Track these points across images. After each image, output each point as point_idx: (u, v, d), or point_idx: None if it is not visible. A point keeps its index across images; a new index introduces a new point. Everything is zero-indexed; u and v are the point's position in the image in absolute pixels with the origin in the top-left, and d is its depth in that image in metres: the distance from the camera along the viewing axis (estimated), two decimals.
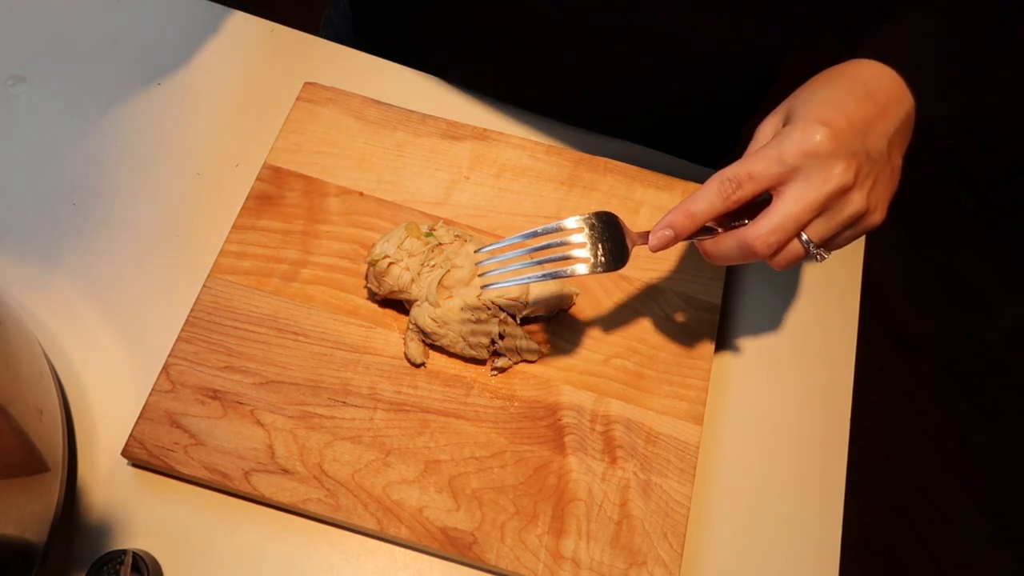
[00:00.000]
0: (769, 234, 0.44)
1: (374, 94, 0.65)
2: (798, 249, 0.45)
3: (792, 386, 0.61)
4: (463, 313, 0.53)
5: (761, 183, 0.44)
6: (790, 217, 0.44)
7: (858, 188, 0.44)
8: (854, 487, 0.58)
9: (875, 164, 0.44)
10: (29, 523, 0.45)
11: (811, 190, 0.43)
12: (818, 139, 0.43)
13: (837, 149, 0.43)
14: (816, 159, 0.43)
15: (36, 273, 0.58)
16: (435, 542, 0.50)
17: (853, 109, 0.44)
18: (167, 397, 0.52)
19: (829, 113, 0.44)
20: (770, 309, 0.63)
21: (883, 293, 1.62)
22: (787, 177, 0.44)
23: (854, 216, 0.44)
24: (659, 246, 0.47)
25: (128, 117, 0.65)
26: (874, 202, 0.44)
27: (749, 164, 0.44)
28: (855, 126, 0.44)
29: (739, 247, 0.45)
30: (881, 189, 0.45)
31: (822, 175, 0.43)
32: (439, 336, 0.54)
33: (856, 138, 0.43)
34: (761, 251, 0.44)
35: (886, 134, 0.45)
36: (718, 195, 0.45)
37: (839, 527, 0.56)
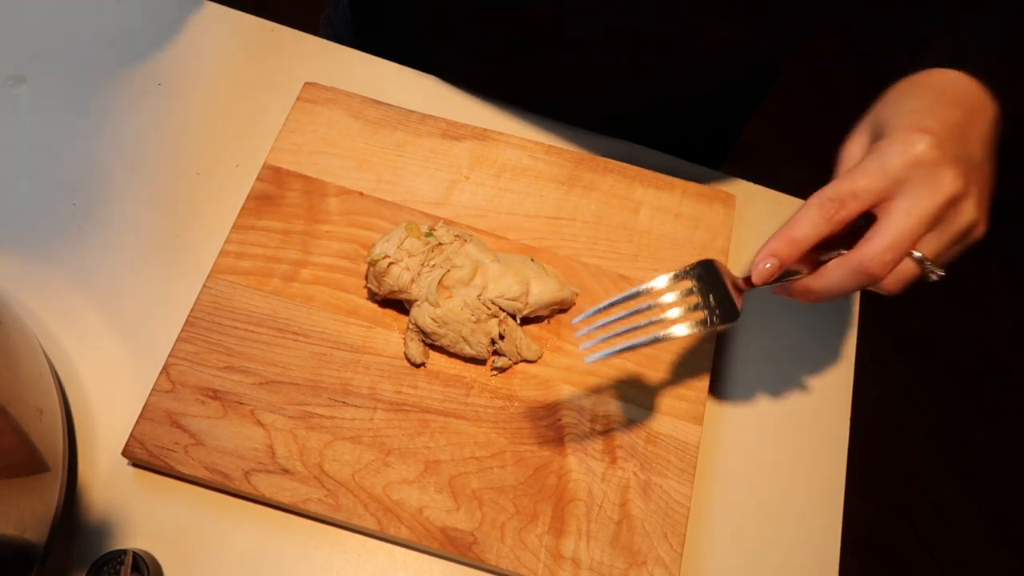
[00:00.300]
0: (884, 252, 0.41)
1: (374, 94, 0.65)
2: (911, 268, 0.42)
3: (792, 386, 0.61)
4: (463, 313, 0.54)
5: (865, 200, 0.41)
6: (904, 232, 0.40)
7: (970, 196, 0.41)
8: (854, 486, 0.58)
9: (977, 173, 0.42)
10: (29, 523, 0.45)
11: (922, 201, 0.40)
12: (921, 148, 0.40)
13: (943, 156, 0.40)
14: (922, 168, 0.40)
15: (36, 273, 0.58)
16: (435, 542, 0.50)
17: (946, 116, 0.42)
18: (167, 397, 0.52)
19: (925, 121, 0.41)
20: (770, 309, 0.63)
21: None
22: (893, 191, 0.41)
23: (967, 227, 0.42)
24: (764, 279, 0.43)
25: (128, 117, 0.65)
26: (981, 214, 0.42)
27: (850, 181, 0.41)
28: (953, 132, 0.41)
29: (852, 272, 0.42)
30: (986, 200, 0.42)
31: (932, 185, 0.40)
32: (439, 336, 0.54)
33: (957, 144, 0.41)
34: (878, 272, 0.41)
35: (981, 139, 0.43)
36: (820, 216, 0.42)
37: (839, 526, 0.56)
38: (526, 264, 0.56)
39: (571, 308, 0.58)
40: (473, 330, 0.54)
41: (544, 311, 0.57)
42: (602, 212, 0.62)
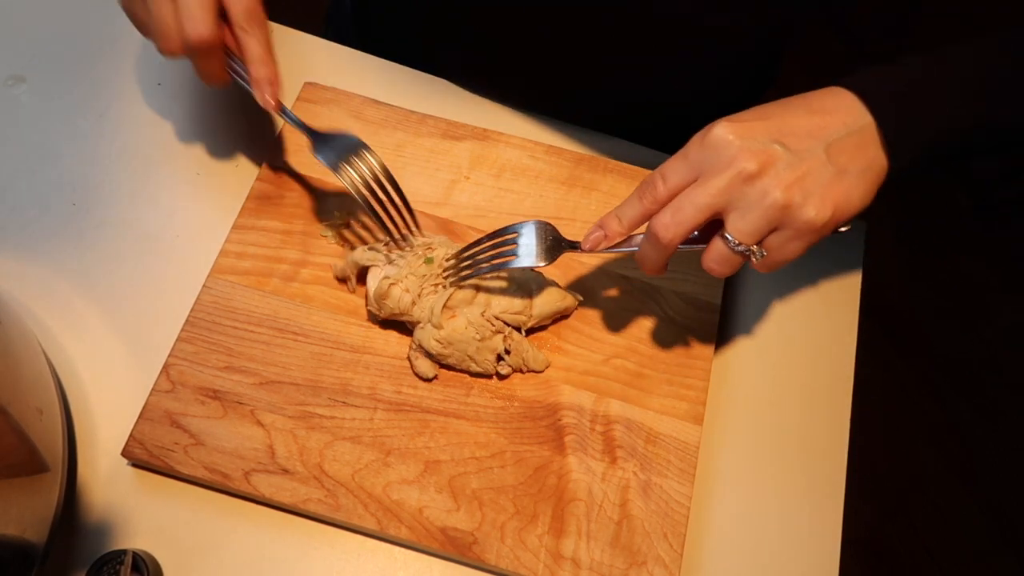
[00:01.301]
0: (664, 216, 0.46)
1: (374, 94, 0.65)
2: (719, 246, 0.46)
3: (792, 386, 0.61)
4: (468, 332, 0.53)
5: (671, 181, 0.46)
6: (687, 200, 0.45)
7: (768, 177, 0.44)
8: (854, 487, 0.58)
9: (799, 160, 0.44)
10: (29, 523, 0.45)
11: (710, 176, 0.45)
12: (715, 132, 0.45)
13: (737, 141, 0.44)
14: (715, 150, 0.45)
15: (36, 273, 0.58)
16: (435, 542, 0.50)
17: (775, 113, 0.46)
18: (167, 397, 0.52)
19: (740, 116, 0.46)
20: (770, 309, 0.63)
21: (883, 293, 1.62)
22: (695, 172, 0.46)
23: (773, 208, 0.44)
24: (591, 247, 0.50)
25: (128, 117, 0.65)
26: (800, 196, 0.44)
27: (661, 166, 0.47)
28: (770, 125, 0.45)
29: (647, 238, 0.47)
30: (815, 185, 0.44)
31: (719, 163, 0.44)
32: (445, 356, 0.54)
33: (767, 135, 0.44)
34: (661, 234, 0.46)
35: (821, 136, 0.45)
36: (638, 198, 0.48)
37: (839, 527, 0.56)
38: (527, 275, 0.56)
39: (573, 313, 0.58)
40: (479, 348, 0.54)
41: (547, 320, 0.56)
42: (602, 212, 0.62)
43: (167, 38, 0.50)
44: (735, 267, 0.47)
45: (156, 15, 0.50)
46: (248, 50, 0.52)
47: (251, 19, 0.51)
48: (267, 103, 0.53)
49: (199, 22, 0.49)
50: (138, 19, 0.53)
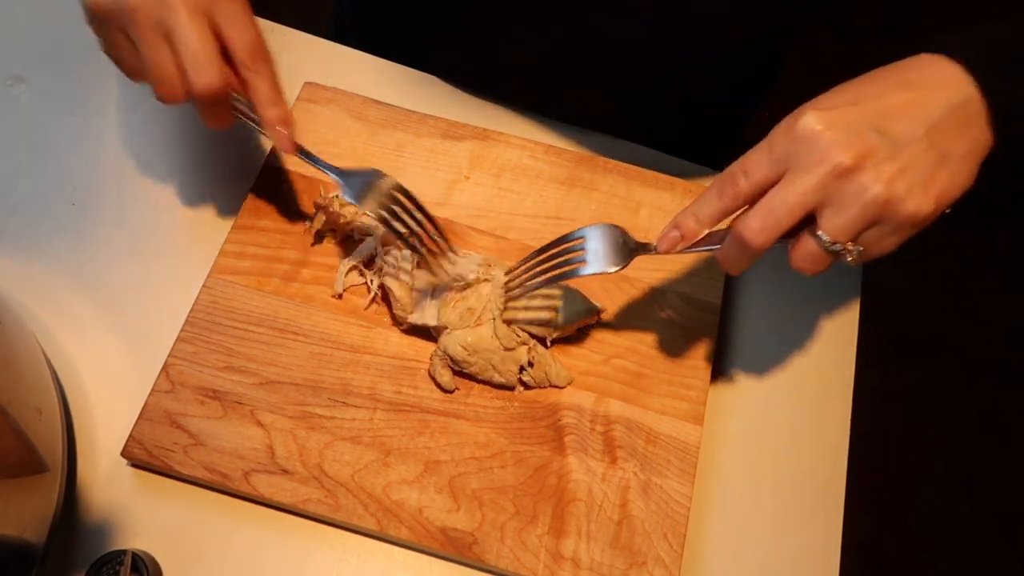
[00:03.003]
0: (754, 220, 0.42)
1: (374, 94, 0.65)
2: (811, 246, 0.42)
3: (792, 386, 0.61)
4: (493, 341, 0.53)
5: (755, 176, 0.43)
6: (777, 200, 0.41)
7: (866, 171, 0.40)
8: (854, 487, 0.58)
9: (898, 148, 0.40)
10: (29, 523, 0.45)
11: (800, 173, 0.41)
12: (804, 121, 0.41)
13: (829, 131, 0.40)
14: (806, 143, 0.41)
15: (36, 273, 0.58)
16: (435, 542, 0.50)
17: (867, 94, 0.42)
18: (167, 397, 0.52)
19: (829, 100, 0.42)
20: (770, 309, 0.63)
21: (883, 293, 1.62)
22: (781, 167, 0.42)
23: (873, 204, 0.40)
24: (667, 248, 0.47)
25: (128, 117, 0.65)
26: (902, 189, 0.40)
27: (742, 159, 0.43)
28: (864, 110, 0.41)
29: (732, 240, 0.44)
30: (917, 175, 0.40)
31: (811, 158, 0.40)
32: (469, 364, 0.53)
33: (863, 121, 0.41)
34: (750, 239, 0.42)
35: (921, 118, 0.41)
36: (716, 194, 0.44)
37: (839, 527, 0.56)
38: (553, 285, 0.55)
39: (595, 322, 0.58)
40: (503, 358, 0.53)
41: (571, 331, 0.56)
42: (602, 212, 0.62)
43: (168, 86, 0.46)
44: (827, 266, 0.43)
45: (153, 61, 0.45)
46: (257, 92, 0.48)
47: (256, 57, 0.47)
48: (283, 146, 0.50)
49: (206, 70, 0.45)
50: (127, 65, 0.48)
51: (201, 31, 0.45)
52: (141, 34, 0.45)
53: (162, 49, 0.45)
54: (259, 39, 0.48)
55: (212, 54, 0.45)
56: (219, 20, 0.46)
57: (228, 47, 0.47)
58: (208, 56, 0.45)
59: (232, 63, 0.47)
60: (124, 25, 0.46)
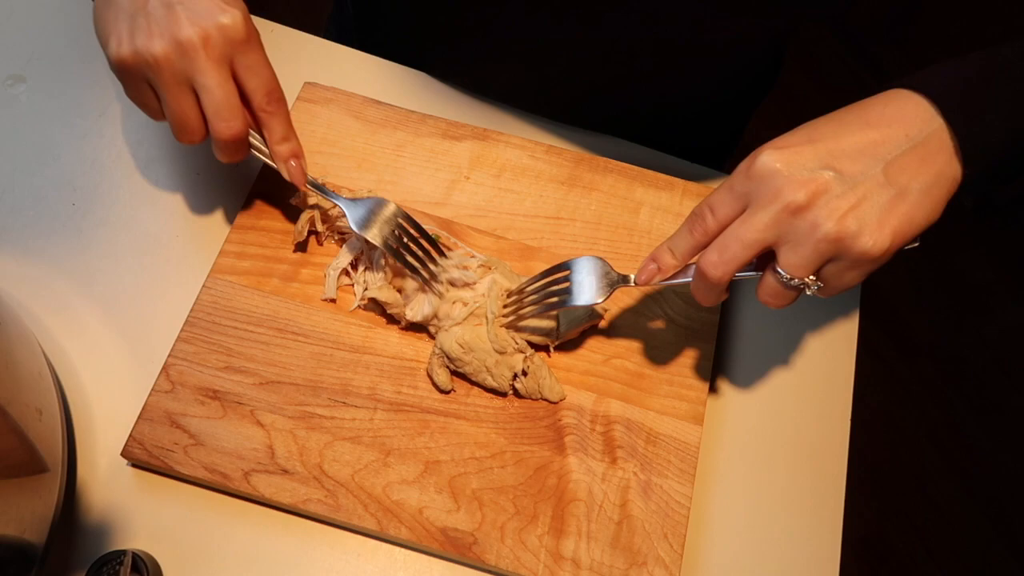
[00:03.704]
0: (711, 255, 0.44)
1: (374, 94, 0.65)
2: (771, 281, 0.44)
3: (793, 386, 0.61)
4: (489, 342, 0.53)
5: (720, 213, 0.44)
6: (732, 237, 0.43)
7: (818, 208, 0.41)
8: (854, 487, 0.58)
9: (852, 185, 0.41)
10: (29, 523, 0.45)
11: (757, 211, 0.42)
12: (761, 160, 0.42)
13: (785, 170, 0.42)
14: (761, 181, 0.42)
15: (36, 273, 0.58)
16: (435, 542, 0.50)
17: (825, 133, 0.43)
18: (167, 397, 0.52)
19: (787, 139, 0.43)
20: (770, 310, 0.63)
21: (883, 292, 1.62)
22: (741, 204, 0.44)
23: (825, 241, 0.41)
24: (646, 280, 0.49)
25: (128, 117, 0.65)
26: (854, 226, 0.41)
27: (709, 197, 0.45)
28: (820, 149, 0.42)
29: (696, 274, 0.46)
30: (871, 211, 0.41)
31: (766, 196, 0.42)
32: (463, 363, 0.53)
33: (817, 159, 0.42)
34: (711, 273, 0.44)
35: (878, 155, 0.42)
36: (688, 230, 0.46)
37: (839, 527, 0.56)
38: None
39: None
40: (497, 362, 0.53)
41: (574, 335, 0.56)
42: (602, 212, 0.62)
43: (190, 131, 0.49)
44: (790, 300, 0.45)
45: (175, 109, 0.48)
46: (271, 131, 0.51)
47: (272, 99, 0.50)
48: (295, 179, 0.53)
49: (230, 117, 0.48)
50: (151, 110, 0.50)
51: (225, 82, 0.47)
52: (165, 86, 0.47)
53: (186, 99, 0.48)
54: (275, 83, 0.51)
55: (236, 104, 0.48)
56: (238, 67, 0.48)
57: (246, 93, 0.50)
58: (232, 106, 0.48)
59: (249, 105, 0.50)
60: (148, 76, 0.47)
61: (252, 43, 0.48)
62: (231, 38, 0.47)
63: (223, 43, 0.47)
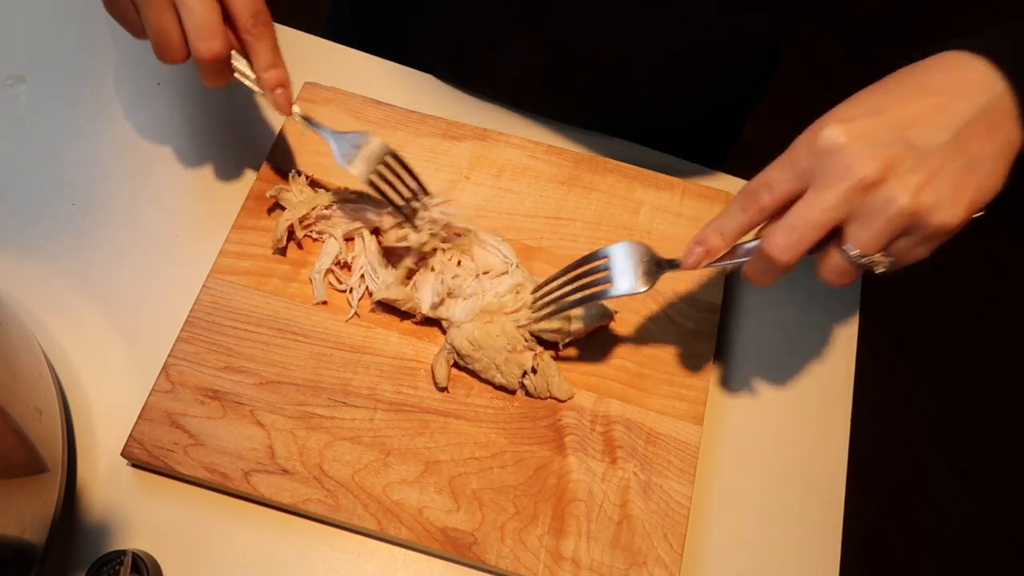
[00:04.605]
0: (779, 237, 0.42)
1: (374, 94, 0.65)
2: (838, 259, 0.42)
3: (792, 386, 0.61)
4: (500, 340, 0.53)
5: (777, 190, 0.42)
6: (800, 218, 0.41)
7: (892, 183, 0.39)
8: (854, 487, 0.58)
9: (924, 157, 0.39)
10: (29, 523, 0.45)
11: (823, 189, 0.40)
12: (826, 134, 0.40)
13: (853, 143, 0.39)
14: (828, 156, 0.40)
15: (36, 273, 0.58)
16: (435, 542, 0.50)
17: (889, 102, 0.41)
18: (167, 397, 0.52)
19: (850, 111, 0.41)
20: (770, 309, 0.63)
21: (883, 292, 1.62)
22: (804, 181, 0.41)
23: (900, 216, 0.39)
24: (694, 263, 0.47)
25: (128, 117, 0.65)
26: (930, 199, 0.39)
27: (764, 173, 0.43)
28: (887, 120, 0.40)
29: (757, 257, 0.44)
30: (945, 183, 0.39)
31: (834, 173, 0.40)
32: (473, 360, 0.53)
33: (887, 132, 0.40)
34: (776, 256, 0.42)
35: (946, 124, 0.40)
36: (740, 208, 0.44)
37: (839, 527, 0.56)
38: None
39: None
40: (507, 359, 0.53)
41: (584, 335, 0.56)
42: (602, 212, 0.62)
43: (170, 50, 0.47)
44: (856, 278, 0.43)
45: (156, 27, 0.46)
46: (257, 56, 0.49)
47: (258, 22, 0.48)
48: (280, 107, 0.52)
49: (210, 36, 0.46)
50: (130, 25, 0.49)
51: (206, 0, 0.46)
52: (144, 1, 0.45)
53: (166, 15, 0.46)
54: (261, 4, 0.48)
55: (216, 21, 0.46)
56: None
57: (230, 11, 0.47)
58: (212, 23, 0.46)
59: (233, 26, 0.48)
60: None
61: None
62: None
63: None
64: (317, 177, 0.61)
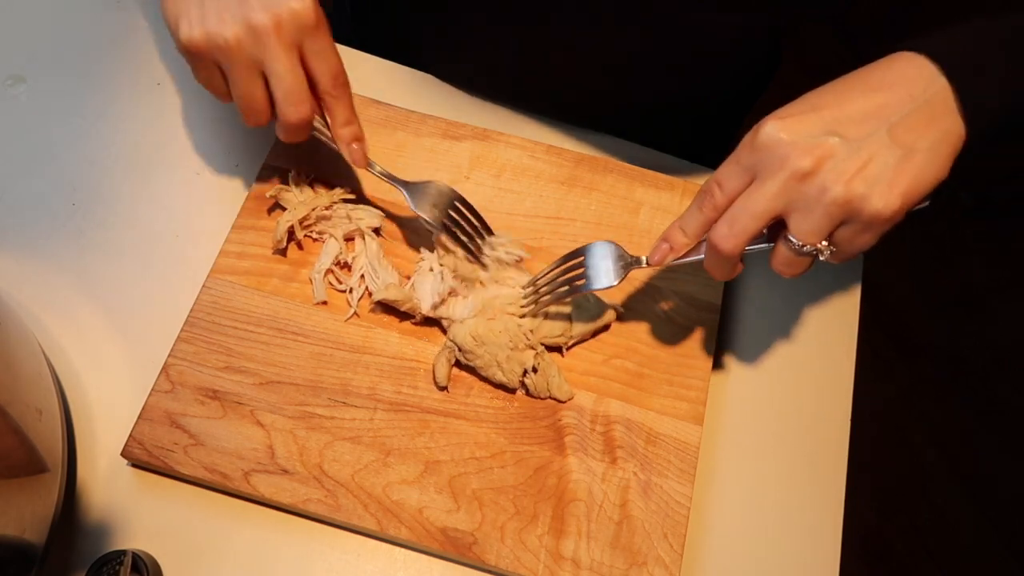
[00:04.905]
0: (722, 228, 0.44)
1: (374, 94, 0.65)
2: (784, 250, 0.44)
3: (792, 386, 0.61)
4: (502, 337, 0.53)
5: (728, 187, 0.45)
6: (741, 209, 0.44)
7: (825, 173, 0.41)
8: (854, 487, 0.58)
9: (858, 148, 0.41)
10: (29, 523, 0.45)
11: (764, 180, 0.43)
12: (765, 130, 0.42)
13: (789, 138, 0.42)
14: (767, 151, 0.42)
15: (36, 273, 0.58)
16: (435, 542, 0.50)
17: (828, 101, 0.43)
18: (167, 397, 0.52)
19: (791, 108, 0.43)
20: (770, 309, 0.63)
21: (883, 292, 1.62)
22: (749, 176, 0.44)
23: (834, 204, 0.41)
24: (659, 260, 0.50)
25: (128, 117, 0.65)
26: (863, 187, 0.41)
27: (717, 171, 0.46)
28: (824, 116, 0.42)
29: (708, 248, 0.46)
30: (879, 172, 0.41)
31: (775, 164, 0.42)
32: (475, 356, 0.53)
33: (822, 125, 0.42)
34: (723, 246, 0.44)
35: (882, 117, 0.42)
36: (698, 207, 0.47)
37: (839, 527, 0.56)
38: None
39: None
40: (509, 356, 0.53)
41: (587, 337, 0.56)
42: (602, 212, 0.62)
43: (257, 113, 0.49)
44: (805, 268, 0.45)
45: (244, 93, 0.48)
46: (336, 114, 0.52)
47: (338, 83, 0.50)
48: (357, 162, 0.54)
49: (298, 102, 0.48)
50: (218, 92, 0.51)
51: (295, 67, 0.48)
52: (235, 70, 0.47)
53: (256, 84, 0.48)
54: (340, 67, 0.51)
55: (304, 89, 0.49)
56: (307, 53, 0.48)
57: (313, 77, 0.50)
58: (301, 91, 0.48)
59: (314, 89, 0.50)
60: (218, 59, 0.48)
61: (321, 28, 0.48)
62: (302, 23, 0.47)
63: (294, 28, 0.47)
64: (317, 177, 0.61)
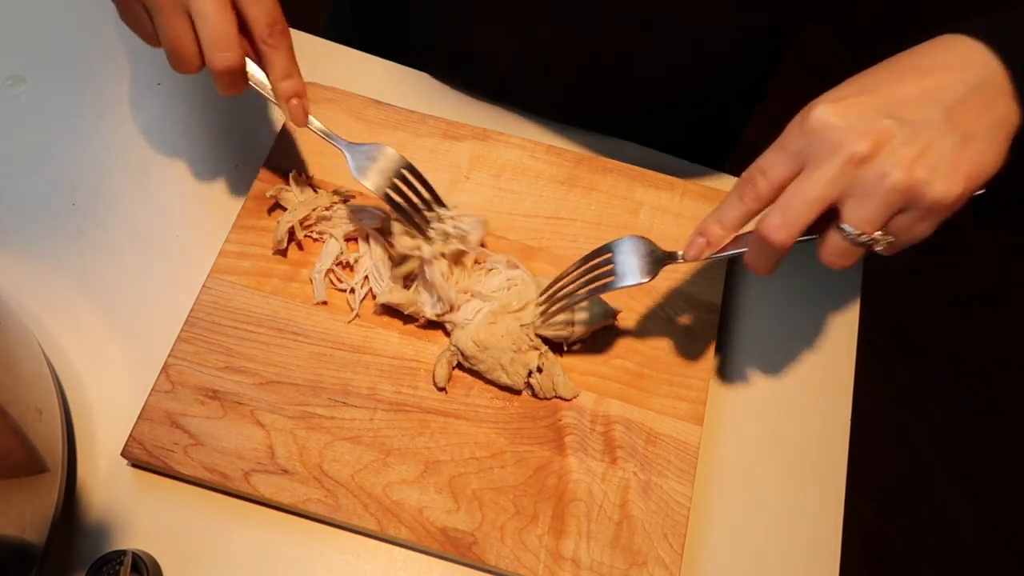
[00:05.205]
0: (774, 218, 0.41)
1: (374, 94, 0.65)
2: (837, 240, 0.42)
3: (792, 386, 0.61)
4: (505, 340, 0.53)
5: (773, 176, 0.42)
6: (795, 197, 0.41)
7: (883, 157, 0.39)
8: (854, 487, 0.58)
9: (915, 132, 0.39)
10: (29, 523, 0.45)
11: (817, 166, 0.40)
12: (815, 114, 0.40)
13: (842, 121, 0.40)
14: (819, 135, 0.40)
15: (36, 273, 0.58)
16: (435, 542, 0.50)
17: (880, 82, 0.41)
18: (167, 397, 0.52)
19: (841, 91, 0.41)
20: (770, 309, 0.63)
21: (884, 291, 1.62)
22: (798, 162, 0.41)
23: (894, 191, 0.39)
24: (695, 255, 0.47)
25: (128, 117, 0.65)
26: (924, 172, 0.39)
27: (759, 159, 0.43)
28: (877, 98, 0.40)
29: (756, 242, 0.43)
30: (939, 157, 0.39)
31: (825, 151, 0.40)
32: (478, 361, 0.53)
33: (876, 108, 0.40)
34: (774, 238, 0.41)
35: (938, 101, 0.40)
36: (738, 197, 0.44)
37: (839, 527, 0.56)
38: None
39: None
40: (512, 359, 0.53)
41: (588, 335, 0.56)
42: (602, 212, 0.62)
43: (185, 60, 0.46)
44: (856, 259, 0.43)
45: (171, 37, 0.45)
46: (273, 66, 0.49)
47: (275, 31, 0.47)
48: (296, 118, 0.51)
49: (225, 48, 0.45)
50: (143, 32, 0.48)
51: (222, 10, 0.45)
52: (159, 10, 0.45)
53: (181, 24, 0.45)
54: (277, 12, 0.48)
55: (232, 32, 0.46)
56: None
57: (246, 21, 0.47)
58: (228, 34, 0.45)
59: (249, 36, 0.48)
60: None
61: None
62: None
63: None
64: (317, 177, 0.61)
